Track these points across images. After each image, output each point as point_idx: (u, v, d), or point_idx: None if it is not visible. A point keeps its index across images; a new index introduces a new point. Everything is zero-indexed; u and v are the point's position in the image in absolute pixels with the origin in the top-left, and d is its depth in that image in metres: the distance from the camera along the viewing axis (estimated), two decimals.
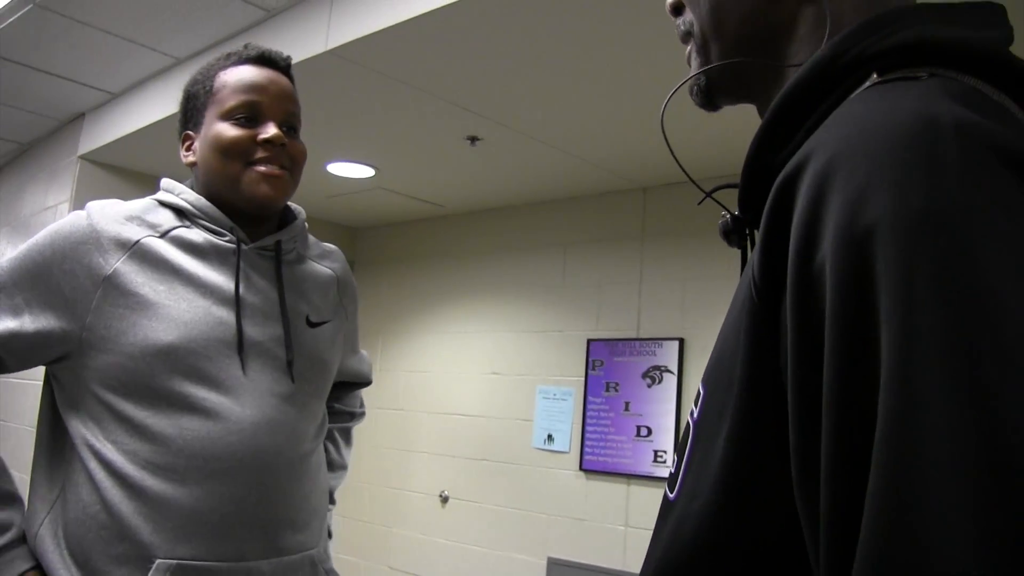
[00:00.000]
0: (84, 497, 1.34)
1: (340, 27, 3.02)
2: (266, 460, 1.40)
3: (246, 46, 1.54)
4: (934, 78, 0.62)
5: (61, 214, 4.57)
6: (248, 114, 1.47)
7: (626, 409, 4.27)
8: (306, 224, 1.63)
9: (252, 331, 1.44)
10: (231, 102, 1.47)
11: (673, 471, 0.73)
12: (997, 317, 0.48)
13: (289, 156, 1.49)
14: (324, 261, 1.67)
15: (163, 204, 1.49)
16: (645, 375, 4.23)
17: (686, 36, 0.88)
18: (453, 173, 4.55)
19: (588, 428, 4.41)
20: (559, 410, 4.58)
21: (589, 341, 4.51)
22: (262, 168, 1.45)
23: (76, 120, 4.62)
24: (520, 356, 4.87)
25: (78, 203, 4.46)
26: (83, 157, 4.54)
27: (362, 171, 4.55)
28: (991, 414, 0.45)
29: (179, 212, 1.48)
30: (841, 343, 0.53)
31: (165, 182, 1.53)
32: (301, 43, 3.15)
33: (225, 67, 1.52)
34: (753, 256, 0.65)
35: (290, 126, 1.51)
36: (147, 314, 1.36)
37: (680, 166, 0.91)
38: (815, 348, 0.55)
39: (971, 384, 0.46)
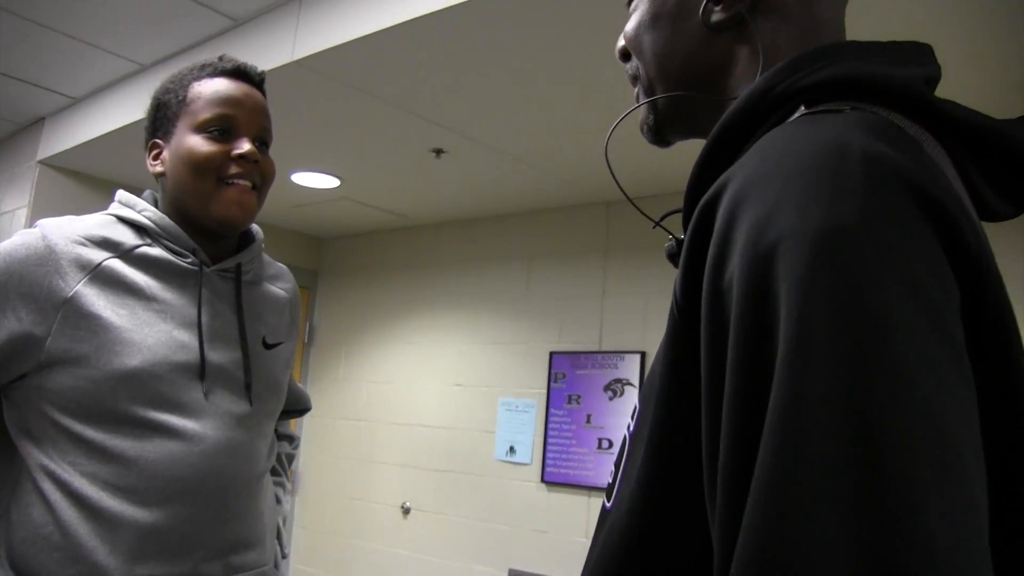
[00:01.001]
0: (36, 518, 1.31)
1: (307, 38, 3.02)
2: (226, 481, 1.40)
3: (221, 58, 1.52)
4: (855, 111, 0.66)
5: (19, 219, 4.51)
6: (222, 127, 1.44)
7: (588, 422, 4.29)
8: (263, 244, 1.63)
9: (213, 355, 1.43)
10: (205, 114, 1.44)
11: (610, 482, 0.76)
12: (885, 331, 0.50)
13: (260, 173, 1.48)
14: (277, 282, 1.66)
15: (122, 220, 1.45)
16: (607, 388, 4.25)
17: (634, 80, 0.93)
18: (418, 185, 4.55)
19: (550, 440, 4.42)
20: (521, 422, 4.59)
21: (551, 354, 4.53)
22: (234, 189, 1.44)
23: (36, 124, 4.56)
24: (483, 368, 4.87)
25: (37, 208, 4.41)
26: (42, 162, 4.49)
27: (327, 181, 4.54)
28: (870, 422, 0.48)
29: (139, 229, 1.45)
30: (741, 353, 0.55)
31: (122, 195, 1.50)
32: (267, 53, 3.14)
33: (199, 78, 1.49)
34: (676, 276, 0.68)
35: (262, 141, 1.50)
36: (109, 339, 1.33)
37: (628, 197, 0.95)
38: (723, 360, 0.57)
39: (855, 392, 0.49)
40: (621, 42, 0.94)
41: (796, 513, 0.48)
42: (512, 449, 4.58)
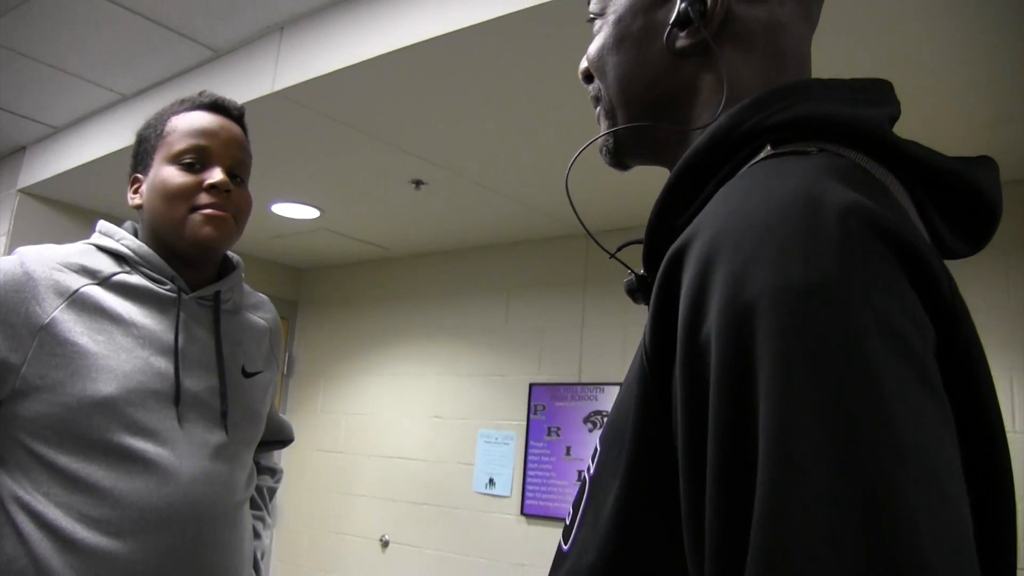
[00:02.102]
0: (8, 551, 1.29)
1: (287, 69, 3.04)
2: (202, 511, 1.39)
3: (201, 93, 1.54)
4: (822, 153, 0.65)
5: None
6: (196, 159, 1.46)
7: (567, 454, 4.28)
8: (243, 274, 1.63)
9: (189, 382, 1.43)
10: (179, 145, 1.46)
11: (568, 523, 0.73)
12: (871, 391, 0.50)
13: (234, 204, 1.49)
14: (258, 312, 1.67)
15: (101, 249, 1.46)
16: (586, 420, 4.25)
17: (596, 101, 0.92)
18: (397, 216, 4.56)
19: (529, 472, 4.41)
20: (500, 454, 4.57)
21: (531, 385, 4.53)
22: (207, 213, 1.44)
23: (17, 153, 4.56)
24: (462, 399, 4.86)
25: (16, 236, 4.40)
26: (23, 191, 4.48)
27: (307, 212, 4.54)
28: (865, 486, 0.47)
29: (119, 258, 1.46)
30: (724, 417, 0.53)
31: (103, 225, 1.51)
32: (248, 84, 3.16)
33: (178, 112, 1.51)
34: (645, 327, 0.66)
35: (237, 174, 1.51)
36: (85, 364, 1.33)
37: (585, 228, 0.94)
38: (703, 419, 0.55)
39: (849, 459, 0.48)
40: (584, 64, 0.92)
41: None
42: (491, 481, 4.57)
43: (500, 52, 2.63)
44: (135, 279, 1.44)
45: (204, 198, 1.45)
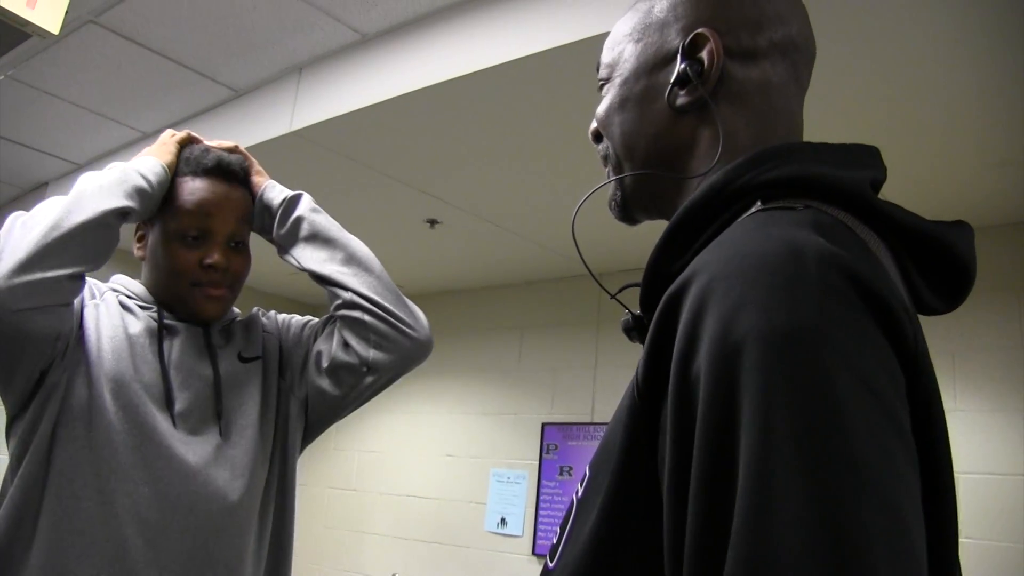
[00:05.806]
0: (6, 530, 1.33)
1: (305, 109, 3.09)
2: (197, 520, 1.39)
3: (205, 151, 1.56)
4: (808, 210, 0.71)
5: None
6: (198, 234, 1.50)
7: None
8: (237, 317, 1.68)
9: (179, 385, 1.46)
10: (183, 220, 1.50)
11: (554, 543, 0.78)
12: (843, 428, 0.55)
13: (232, 275, 1.54)
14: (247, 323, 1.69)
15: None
16: None
17: (605, 160, 0.99)
18: (412, 255, 4.59)
19: (541, 511, 4.39)
20: (512, 493, 4.56)
21: (543, 425, 4.52)
22: (207, 291, 1.50)
23: (39, 189, 4.62)
24: (474, 438, 4.86)
25: None
26: None
27: None
28: (834, 515, 0.52)
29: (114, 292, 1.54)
30: (708, 446, 0.59)
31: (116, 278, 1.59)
32: (266, 123, 3.21)
33: (183, 173, 1.54)
34: (639, 361, 0.71)
35: (238, 240, 1.55)
36: (103, 348, 1.41)
37: (588, 269, 1.00)
38: (689, 449, 0.60)
39: (818, 488, 0.53)
40: (593, 124, 1.00)
41: None
42: (503, 521, 4.55)
43: (515, 94, 2.67)
44: (131, 302, 1.51)
45: (203, 276, 1.50)
